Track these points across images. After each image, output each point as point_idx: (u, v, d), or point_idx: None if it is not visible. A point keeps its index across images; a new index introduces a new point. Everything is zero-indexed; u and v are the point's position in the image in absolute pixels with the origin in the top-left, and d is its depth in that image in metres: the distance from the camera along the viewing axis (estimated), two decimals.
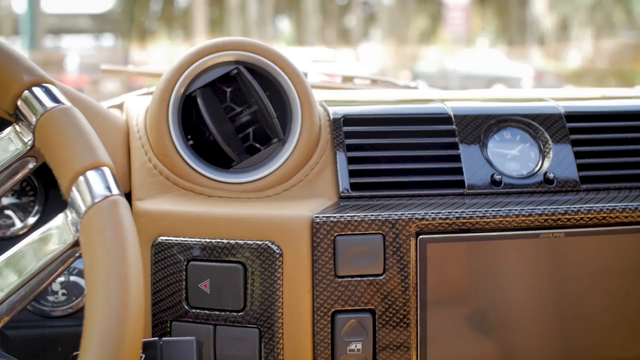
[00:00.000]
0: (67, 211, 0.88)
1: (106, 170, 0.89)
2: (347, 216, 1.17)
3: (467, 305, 1.22)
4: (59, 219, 0.89)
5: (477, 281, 1.22)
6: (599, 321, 1.26)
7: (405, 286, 1.19)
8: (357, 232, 1.17)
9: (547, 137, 1.35)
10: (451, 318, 1.22)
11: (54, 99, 0.92)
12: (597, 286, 1.26)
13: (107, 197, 0.86)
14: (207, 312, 1.18)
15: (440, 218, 1.19)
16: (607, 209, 1.24)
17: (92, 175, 0.87)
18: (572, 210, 1.23)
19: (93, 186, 0.86)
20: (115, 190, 0.87)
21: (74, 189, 0.87)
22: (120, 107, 1.55)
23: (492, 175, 1.31)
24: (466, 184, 1.30)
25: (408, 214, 1.19)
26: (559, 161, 1.33)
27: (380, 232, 1.18)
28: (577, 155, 1.35)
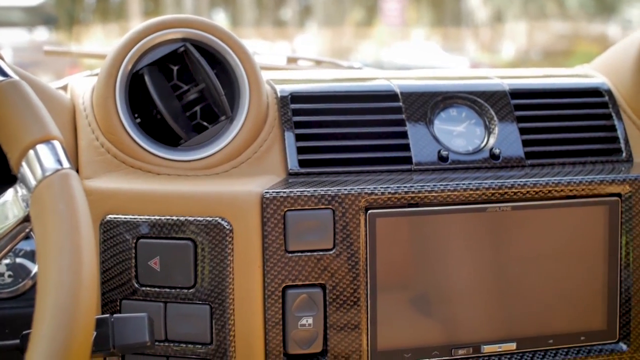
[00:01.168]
0: (17, 186, 0.87)
1: (56, 143, 0.88)
2: (297, 191, 1.17)
3: (416, 278, 1.23)
4: (8, 195, 0.88)
5: (426, 255, 1.23)
6: (545, 294, 1.28)
7: (355, 260, 1.20)
8: (306, 207, 1.18)
9: (493, 113, 1.36)
10: (400, 292, 1.23)
11: (2, 72, 0.91)
12: (544, 259, 1.28)
13: (57, 170, 0.85)
14: (157, 289, 1.18)
15: (389, 192, 1.20)
16: (553, 183, 1.26)
17: (42, 148, 0.86)
18: (518, 184, 1.24)
19: (43, 160, 0.86)
20: (66, 164, 0.87)
21: (23, 163, 0.86)
22: (63, 88, 1.53)
23: (439, 152, 1.32)
24: (413, 160, 1.31)
25: (357, 188, 1.19)
26: (504, 137, 1.35)
27: (330, 207, 1.18)
28: (522, 131, 1.37)
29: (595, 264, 1.30)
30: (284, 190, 1.17)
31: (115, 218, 1.18)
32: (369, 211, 1.20)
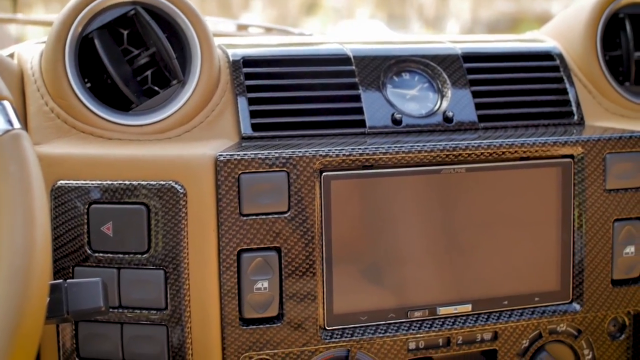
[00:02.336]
0: None
1: (6, 104, 0.86)
2: (251, 154, 1.16)
3: (371, 241, 1.23)
4: None
5: (380, 217, 1.23)
6: (500, 256, 1.29)
7: (310, 223, 1.19)
8: (261, 170, 1.17)
9: (445, 77, 1.36)
10: (356, 254, 1.23)
11: None
12: (498, 221, 1.28)
13: (8, 131, 0.84)
14: (110, 255, 1.16)
15: (343, 155, 1.19)
16: (507, 144, 1.26)
17: None
18: (472, 146, 1.25)
19: None
20: (16, 124, 0.85)
21: None
22: (10, 56, 1.50)
23: (393, 115, 1.32)
24: (367, 124, 1.30)
25: (311, 151, 1.19)
26: (457, 100, 1.35)
27: (285, 169, 1.17)
28: (475, 94, 1.37)
29: (548, 225, 1.31)
30: (238, 153, 1.16)
31: (66, 184, 1.16)
32: (324, 173, 1.20)
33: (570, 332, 1.36)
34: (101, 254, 1.16)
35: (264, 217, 1.18)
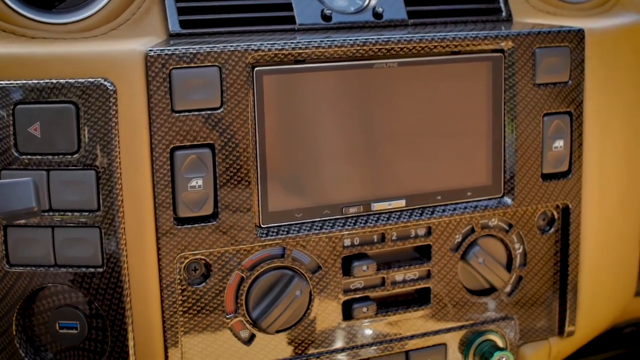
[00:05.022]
0: None
1: None
2: (182, 49, 1.13)
3: (305, 137, 1.22)
4: None
5: (314, 114, 1.22)
6: (432, 151, 1.29)
7: (244, 119, 1.17)
8: (192, 65, 1.14)
9: None
10: (290, 151, 1.21)
11: None
12: (430, 116, 1.28)
13: None
14: (38, 157, 1.13)
15: (275, 49, 1.17)
16: (439, 38, 1.25)
17: None
18: (404, 40, 1.23)
19: None
20: None
21: None
22: None
23: (322, 11, 1.30)
24: (297, 20, 1.29)
25: (244, 45, 1.16)
26: None
27: (217, 64, 1.15)
28: None
29: (480, 120, 1.31)
30: (169, 47, 1.13)
31: None
32: (256, 68, 1.17)
33: (502, 226, 1.37)
34: (29, 156, 1.13)
35: (196, 113, 1.15)
